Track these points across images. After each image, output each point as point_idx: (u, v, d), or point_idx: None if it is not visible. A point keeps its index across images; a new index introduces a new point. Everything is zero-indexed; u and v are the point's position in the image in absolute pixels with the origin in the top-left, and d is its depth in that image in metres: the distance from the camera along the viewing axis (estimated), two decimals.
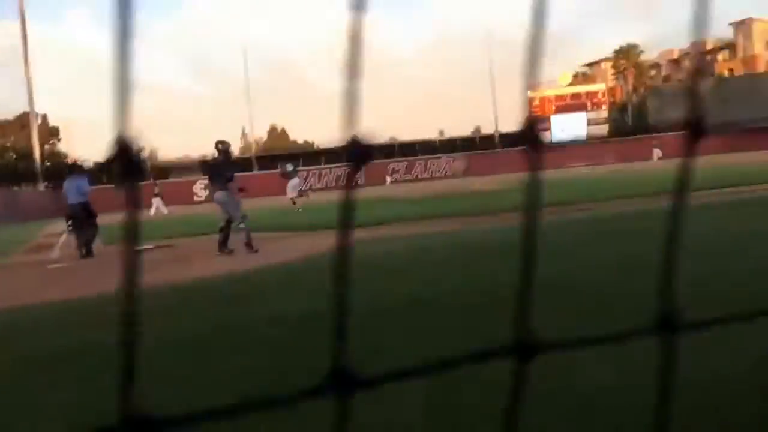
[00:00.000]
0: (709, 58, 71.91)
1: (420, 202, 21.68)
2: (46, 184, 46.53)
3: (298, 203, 23.73)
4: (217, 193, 11.77)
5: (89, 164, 53.49)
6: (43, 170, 49.02)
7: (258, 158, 56.61)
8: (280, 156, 60.02)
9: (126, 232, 0.47)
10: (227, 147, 12.18)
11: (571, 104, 54.18)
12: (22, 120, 57.87)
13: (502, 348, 0.65)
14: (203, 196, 45.14)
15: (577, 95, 55.21)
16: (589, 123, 52.98)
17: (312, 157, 56.34)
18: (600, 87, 56.13)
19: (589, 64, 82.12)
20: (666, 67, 76.86)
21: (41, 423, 3.58)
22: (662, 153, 43.55)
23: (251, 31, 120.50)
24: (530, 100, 54.20)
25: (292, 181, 25.05)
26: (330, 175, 51.87)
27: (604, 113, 53.77)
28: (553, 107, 54.18)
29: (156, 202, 32.85)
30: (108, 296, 7.28)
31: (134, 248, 0.50)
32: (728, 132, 39.88)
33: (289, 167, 25.73)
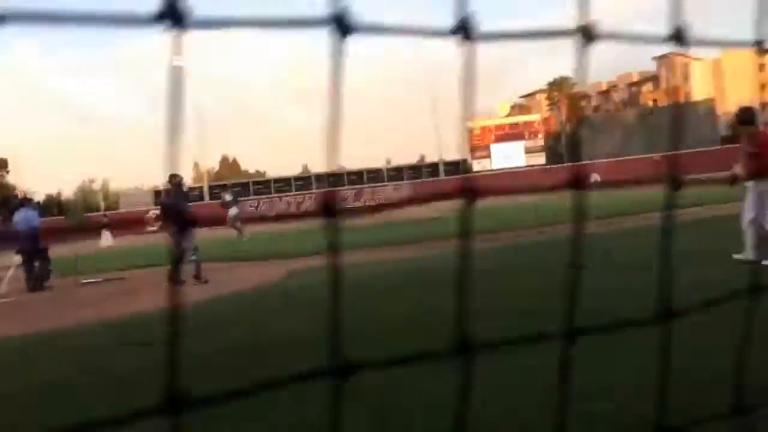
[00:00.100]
0: (635, 89, 76.69)
1: (364, 231, 21.69)
2: None
3: (244, 233, 23.35)
4: (170, 226, 11.59)
5: (39, 197, 53.26)
6: None
7: (210, 188, 57.57)
8: (235, 185, 60.94)
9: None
10: (180, 180, 12.30)
11: (509, 133, 56.91)
12: None
13: (323, 369, 0.76)
14: (155, 227, 46.00)
15: (515, 125, 58.06)
16: (527, 151, 55.86)
17: (263, 185, 57.45)
18: (536, 117, 59.24)
19: (525, 96, 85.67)
20: (596, 98, 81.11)
21: None
22: (600, 178, 46.35)
23: (203, 62, 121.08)
24: (471, 130, 56.90)
25: (231, 210, 23.90)
26: (281, 203, 53.22)
27: (540, 142, 56.72)
28: (493, 136, 56.86)
29: (105, 233, 32.66)
30: (48, 334, 7.55)
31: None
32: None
33: (228, 197, 24.80)
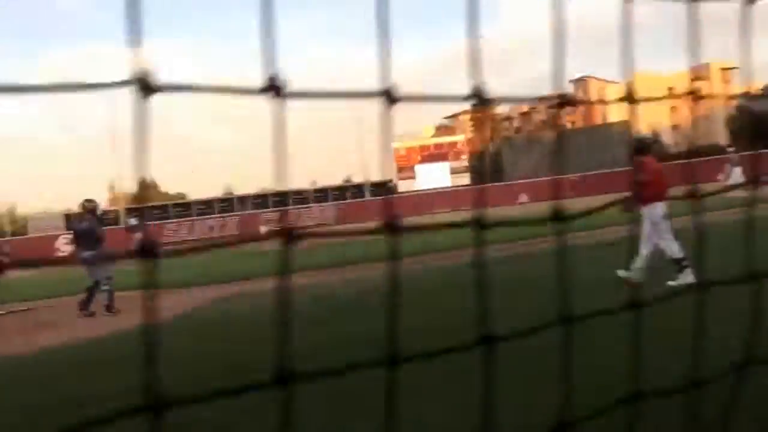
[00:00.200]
0: (553, 111, 78.61)
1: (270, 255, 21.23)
2: None
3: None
4: (84, 253, 11.27)
5: None
6: None
7: (127, 210, 55.23)
8: (154, 207, 58.75)
9: None
10: (94, 206, 11.76)
11: (434, 154, 57.31)
12: None
13: (138, 407, 0.74)
14: (66, 252, 43.54)
15: (440, 146, 58.54)
16: (452, 172, 56.28)
17: (183, 208, 55.62)
18: (460, 138, 59.95)
19: (450, 117, 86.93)
20: (517, 119, 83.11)
21: None
22: (527, 198, 46.99)
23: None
24: (397, 151, 56.93)
25: (137, 235, 23.06)
26: (203, 226, 51.57)
27: (464, 162, 57.31)
28: (419, 157, 57.15)
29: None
30: None
31: None
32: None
33: (133, 221, 24.16)
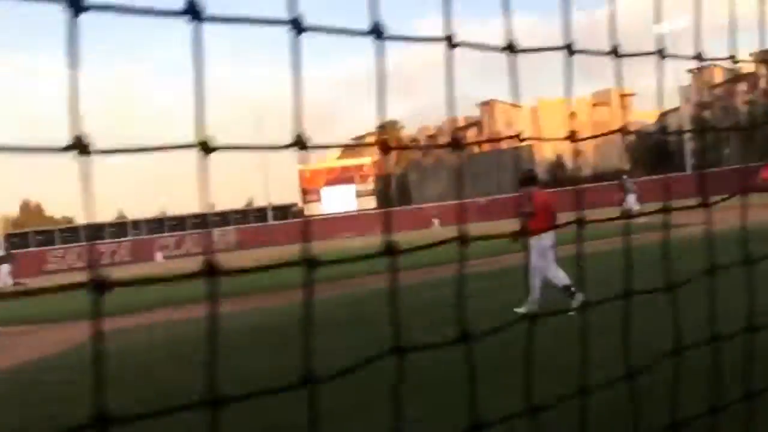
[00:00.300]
0: (461, 134, 79.76)
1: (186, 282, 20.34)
2: None
3: (18, 288, 21.47)
4: None
5: None
6: None
7: (9, 236, 50.85)
8: (38, 233, 54.53)
9: None
10: None
11: (340, 177, 56.28)
12: None
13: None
14: None
15: (347, 168, 57.60)
16: (358, 195, 55.31)
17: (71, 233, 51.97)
18: (366, 161, 59.09)
19: (356, 138, 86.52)
20: (424, 142, 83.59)
21: None
22: (440, 222, 46.50)
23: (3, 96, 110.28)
24: (301, 173, 55.42)
25: (3, 266, 22.30)
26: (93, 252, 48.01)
27: (370, 185, 56.52)
28: (324, 180, 55.87)
29: None
30: None
31: None
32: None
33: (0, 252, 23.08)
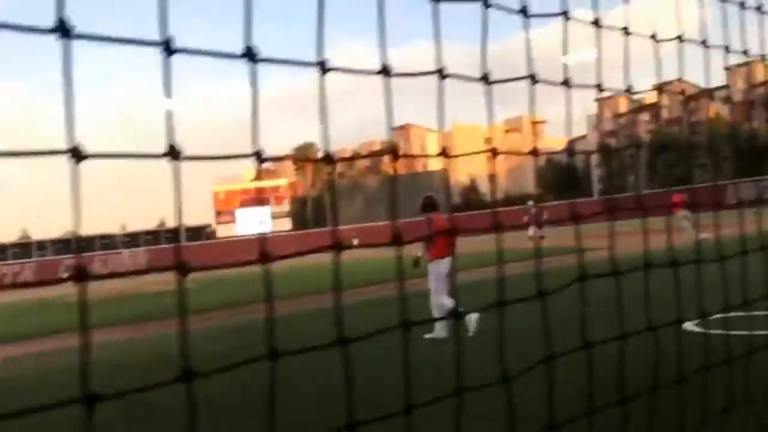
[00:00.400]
0: (377, 158, 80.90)
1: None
2: None
3: None
4: None
5: None
6: None
7: None
8: None
9: None
10: None
11: (256, 198, 55.90)
12: None
13: None
14: None
15: (262, 190, 57.29)
16: (273, 216, 55.08)
17: None
18: (282, 182, 58.99)
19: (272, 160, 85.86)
20: (340, 164, 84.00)
21: None
22: (359, 241, 46.91)
23: None
24: (216, 194, 54.72)
25: None
26: None
27: (286, 207, 56.42)
28: (239, 201, 55.35)
29: None
30: None
31: None
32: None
33: None
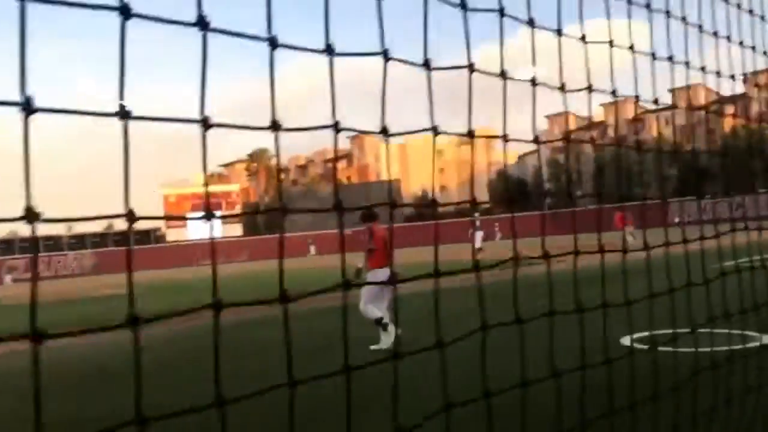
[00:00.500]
0: (330, 165, 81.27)
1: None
2: None
3: None
4: None
5: None
6: None
7: None
8: None
9: None
10: None
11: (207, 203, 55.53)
12: None
13: None
14: None
15: (214, 194, 56.91)
16: (225, 222, 54.78)
17: None
18: (234, 187, 58.77)
19: (225, 165, 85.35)
20: (294, 171, 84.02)
21: None
22: (316, 249, 46.94)
23: None
24: (166, 198, 54.16)
25: None
26: None
27: (238, 212, 56.21)
28: (190, 205, 54.88)
29: None
30: None
31: None
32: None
33: None
